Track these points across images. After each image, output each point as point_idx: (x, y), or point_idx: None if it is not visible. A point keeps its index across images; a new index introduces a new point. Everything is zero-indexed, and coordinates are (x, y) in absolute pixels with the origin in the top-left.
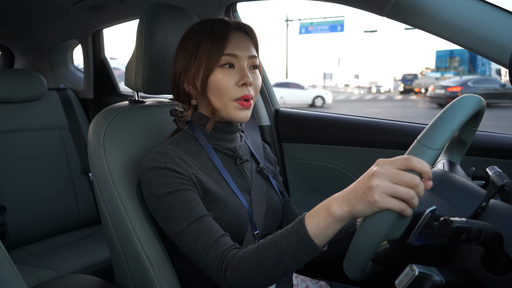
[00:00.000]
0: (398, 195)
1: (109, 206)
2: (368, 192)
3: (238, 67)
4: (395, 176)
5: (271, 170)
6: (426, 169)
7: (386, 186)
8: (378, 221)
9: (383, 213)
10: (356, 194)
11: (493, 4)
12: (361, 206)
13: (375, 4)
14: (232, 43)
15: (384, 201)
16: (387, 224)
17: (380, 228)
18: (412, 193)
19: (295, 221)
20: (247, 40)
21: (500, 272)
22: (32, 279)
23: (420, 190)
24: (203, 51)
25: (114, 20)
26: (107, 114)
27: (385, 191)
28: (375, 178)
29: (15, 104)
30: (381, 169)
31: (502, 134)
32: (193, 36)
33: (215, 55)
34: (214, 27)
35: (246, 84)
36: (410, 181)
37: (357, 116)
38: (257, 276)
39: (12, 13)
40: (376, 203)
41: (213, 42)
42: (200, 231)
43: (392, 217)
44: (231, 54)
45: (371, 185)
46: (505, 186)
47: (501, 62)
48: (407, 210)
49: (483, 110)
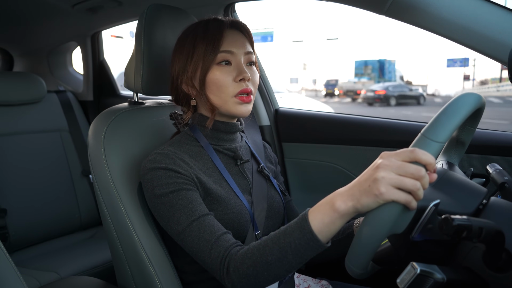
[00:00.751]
0: (404, 186)
1: (110, 207)
2: (373, 185)
3: (235, 63)
4: (400, 168)
5: (272, 170)
6: (431, 161)
7: (391, 177)
8: (383, 214)
9: (389, 205)
10: (360, 187)
11: (492, 1)
12: (366, 199)
13: (373, 3)
14: (227, 41)
15: (390, 192)
16: (392, 217)
17: (385, 220)
18: (418, 184)
19: (299, 217)
20: (242, 37)
21: (502, 269)
22: (33, 282)
23: (426, 182)
24: (199, 50)
25: (113, 21)
26: (106, 116)
27: (391, 183)
28: (381, 170)
29: (15, 107)
30: (386, 161)
31: (502, 131)
32: (188, 37)
33: (211, 53)
34: (209, 26)
35: (244, 79)
36: (415, 172)
37: (357, 116)
38: (260, 273)
39: (11, 15)
40: (382, 195)
41: (208, 40)
42: (202, 229)
43: (397, 210)
44: (227, 51)
45: (376, 177)
46: (505, 184)
47: (500, 60)
48: (413, 202)
49: (482, 108)
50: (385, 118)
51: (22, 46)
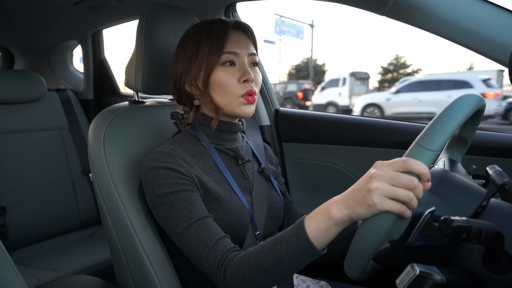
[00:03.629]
0: (396, 197)
1: (109, 206)
2: (367, 195)
3: (238, 64)
4: (393, 178)
5: (272, 171)
6: (424, 171)
7: (384, 188)
8: (377, 223)
9: (382, 215)
10: (355, 197)
11: (493, 3)
12: (360, 209)
13: (374, 4)
14: (231, 42)
15: (383, 203)
16: (386, 226)
17: (379, 230)
18: (410, 195)
19: (295, 224)
20: (245, 38)
21: (501, 271)
22: (33, 280)
23: (419, 192)
24: (203, 51)
25: (114, 20)
26: (107, 114)
27: (384, 194)
28: (374, 181)
29: (15, 105)
30: (379, 171)
31: (502, 133)
32: (192, 37)
33: (215, 54)
34: (213, 27)
35: (248, 81)
36: (408, 183)
37: (357, 116)
38: (256, 279)
39: (12, 14)
40: (375, 205)
41: (212, 41)
42: (201, 232)
43: (391, 219)
44: (231, 52)
45: (369, 187)
46: (505, 185)
47: (500, 61)
48: (406, 212)
49: (483, 108)
50: (386, 119)
51: (23, 44)
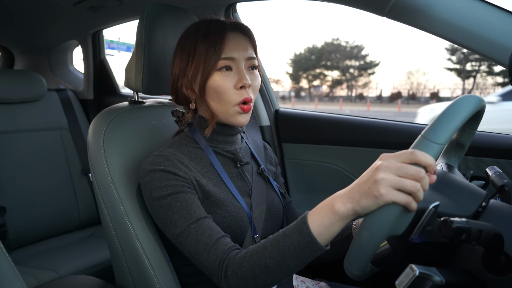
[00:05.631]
0: (404, 187)
1: (109, 206)
2: (373, 186)
3: (236, 69)
4: (400, 169)
5: (272, 172)
6: (431, 162)
7: (391, 179)
8: (383, 215)
9: (388, 207)
10: (360, 189)
11: (493, 4)
12: (366, 201)
13: (374, 5)
14: (228, 45)
15: (390, 194)
16: (392, 218)
17: (384, 222)
18: (418, 185)
19: (298, 220)
20: (244, 41)
21: (501, 272)
22: (32, 280)
23: (426, 183)
24: (199, 55)
25: (114, 20)
26: (107, 114)
27: (391, 184)
28: (380, 172)
29: (15, 105)
30: (386, 162)
31: (502, 134)
32: (190, 39)
33: (212, 59)
34: (210, 29)
35: (245, 87)
36: (415, 173)
37: (357, 116)
38: (258, 276)
39: (12, 14)
40: (382, 196)
41: (209, 45)
42: (200, 232)
43: (397, 211)
44: (228, 57)
45: (376, 178)
46: (505, 186)
47: (501, 62)
48: (413, 203)
49: (483, 110)
50: (386, 120)
51: (23, 44)
